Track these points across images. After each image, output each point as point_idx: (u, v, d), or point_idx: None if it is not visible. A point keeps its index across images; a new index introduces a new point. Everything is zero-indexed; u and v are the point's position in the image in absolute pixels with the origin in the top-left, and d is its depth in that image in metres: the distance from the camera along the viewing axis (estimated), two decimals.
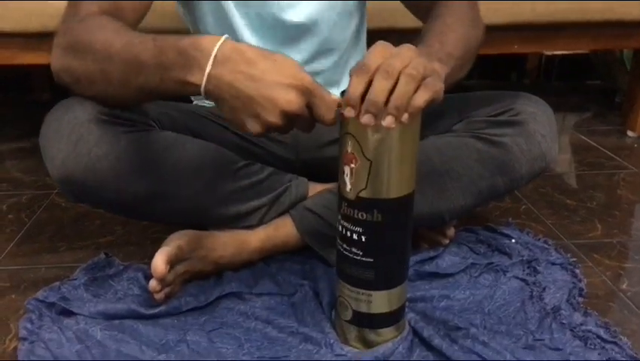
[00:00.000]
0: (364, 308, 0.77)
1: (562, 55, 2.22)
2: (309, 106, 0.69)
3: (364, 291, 0.76)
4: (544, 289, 0.92)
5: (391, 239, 0.74)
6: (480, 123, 0.93)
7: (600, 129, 1.75)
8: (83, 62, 0.77)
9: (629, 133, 1.69)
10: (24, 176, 1.41)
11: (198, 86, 0.69)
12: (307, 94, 0.68)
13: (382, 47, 0.66)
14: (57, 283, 0.92)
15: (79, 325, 0.82)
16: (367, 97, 0.64)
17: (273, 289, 0.92)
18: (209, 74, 0.68)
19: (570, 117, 1.89)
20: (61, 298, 0.88)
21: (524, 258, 0.99)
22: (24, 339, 0.81)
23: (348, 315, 0.78)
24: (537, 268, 0.97)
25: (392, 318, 0.79)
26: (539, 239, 1.08)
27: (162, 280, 0.86)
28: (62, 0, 0.79)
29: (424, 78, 0.65)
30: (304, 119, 0.70)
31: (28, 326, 0.83)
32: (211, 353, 0.79)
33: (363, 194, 0.71)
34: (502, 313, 0.87)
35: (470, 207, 0.96)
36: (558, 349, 0.80)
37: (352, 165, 0.70)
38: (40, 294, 0.89)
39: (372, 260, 0.74)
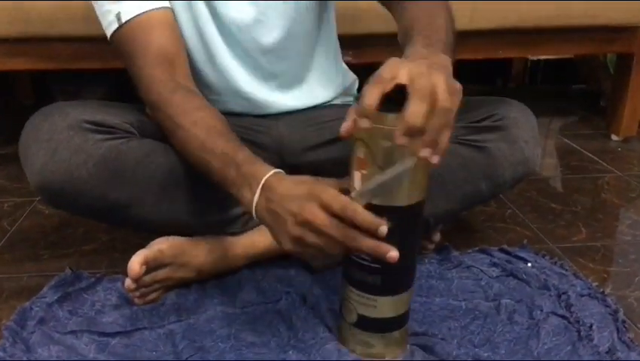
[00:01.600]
0: (369, 313, 0.77)
1: (547, 59, 2.23)
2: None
3: (369, 296, 0.76)
4: (591, 326, 0.85)
5: (399, 246, 0.72)
6: (463, 129, 0.93)
7: (584, 133, 1.77)
8: (171, 137, 0.86)
9: (613, 137, 1.71)
10: (6, 183, 1.39)
11: (249, 210, 0.74)
12: (327, 207, 0.67)
13: (396, 61, 0.65)
14: (27, 304, 0.89)
15: (51, 357, 0.79)
16: (406, 119, 0.61)
17: (257, 298, 0.92)
18: (256, 205, 0.73)
19: (555, 121, 1.91)
20: (38, 321, 0.85)
21: (552, 293, 0.93)
22: None
23: (354, 318, 0.78)
24: (570, 301, 0.91)
25: (396, 323, 0.79)
26: (555, 263, 1.03)
27: (137, 280, 0.86)
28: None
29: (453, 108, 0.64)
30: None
31: (0, 354, 0.80)
32: None
33: (373, 201, 0.69)
34: (555, 358, 0.81)
35: (455, 211, 0.96)
36: None
37: (363, 172, 0.69)
38: (15, 318, 0.86)
39: (379, 266, 0.73)
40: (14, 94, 2.00)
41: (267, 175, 0.73)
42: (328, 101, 1.07)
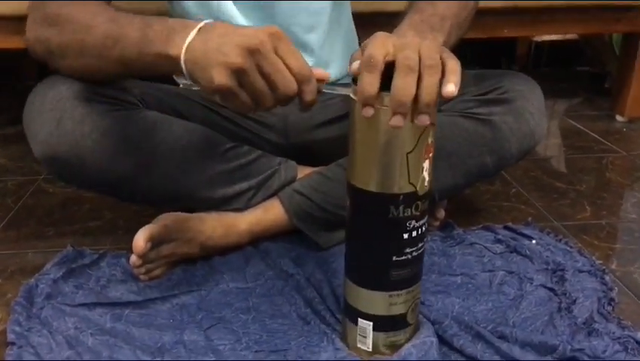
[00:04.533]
0: (418, 300, 0.75)
1: (552, 41, 2.22)
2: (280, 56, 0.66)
3: (415, 285, 0.73)
4: (575, 301, 0.84)
5: None
6: (468, 102, 0.93)
7: (589, 114, 1.76)
8: (59, 32, 0.77)
9: (618, 117, 1.70)
10: (9, 162, 1.39)
11: (177, 58, 0.68)
12: (274, 37, 0.65)
13: (383, 37, 0.63)
14: (32, 281, 0.88)
15: (69, 330, 0.78)
16: (393, 97, 0.59)
17: (267, 274, 0.91)
18: (189, 44, 0.67)
19: (560, 103, 1.90)
20: (45, 297, 0.84)
21: (549, 267, 0.93)
22: (12, 343, 0.76)
23: (414, 318, 0.75)
24: (565, 275, 0.90)
25: None
26: (560, 240, 1.02)
27: (142, 257, 0.86)
28: None
29: (443, 63, 0.61)
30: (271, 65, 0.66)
31: (17, 328, 0.78)
32: (209, 352, 0.76)
33: (430, 180, 0.69)
34: (529, 328, 0.81)
35: (460, 186, 0.96)
36: (598, 357, 0.75)
37: (431, 155, 0.67)
38: (23, 294, 0.84)
39: (422, 246, 0.72)
40: (18, 75, 2.00)
41: (206, 21, 0.69)
42: (339, 79, 1.06)
